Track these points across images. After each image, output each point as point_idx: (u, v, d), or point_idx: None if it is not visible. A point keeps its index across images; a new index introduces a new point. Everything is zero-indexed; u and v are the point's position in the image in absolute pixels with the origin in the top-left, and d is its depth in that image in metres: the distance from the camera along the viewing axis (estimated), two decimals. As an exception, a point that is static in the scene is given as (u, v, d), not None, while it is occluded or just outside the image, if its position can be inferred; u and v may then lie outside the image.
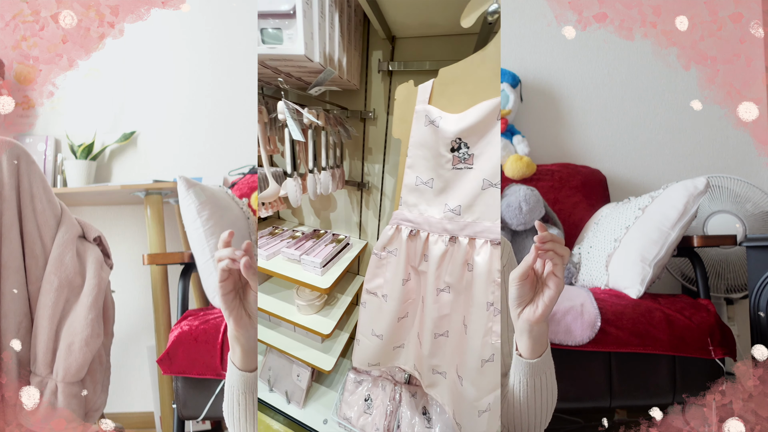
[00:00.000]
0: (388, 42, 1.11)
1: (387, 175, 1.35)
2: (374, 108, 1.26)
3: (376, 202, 1.41)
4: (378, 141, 1.32)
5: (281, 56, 0.80)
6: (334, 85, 1.15)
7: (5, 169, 1.08)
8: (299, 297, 1.32)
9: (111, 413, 1.94)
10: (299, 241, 1.39)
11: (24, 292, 1.09)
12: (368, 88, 1.23)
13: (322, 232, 1.51)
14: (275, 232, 1.51)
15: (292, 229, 1.58)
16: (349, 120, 1.34)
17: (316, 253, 1.28)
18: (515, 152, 1.94)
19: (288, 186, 1.13)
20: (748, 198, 1.72)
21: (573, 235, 1.78)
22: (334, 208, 1.58)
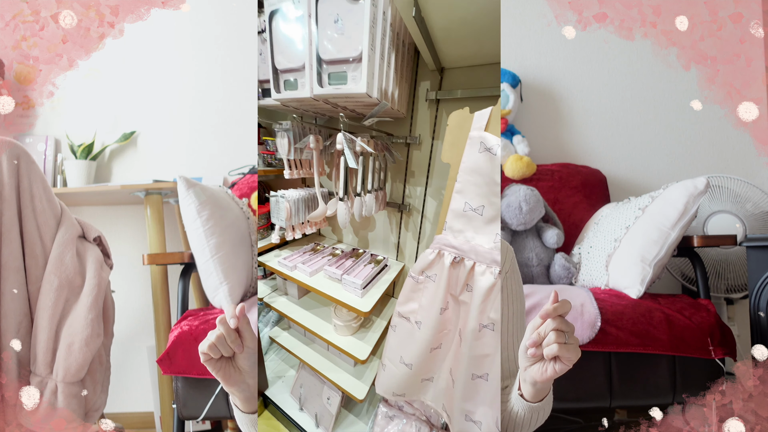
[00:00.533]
0: (436, 72, 1.17)
1: (429, 198, 1.34)
2: (419, 134, 1.28)
3: (416, 224, 1.41)
4: (421, 165, 1.34)
5: (344, 95, 0.89)
6: (384, 115, 1.20)
7: (5, 169, 1.08)
8: (337, 316, 1.30)
9: (111, 413, 1.94)
10: (339, 259, 1.38)
11: (24, 292, 1.09)
12: (414, 116, 1.28)
13: (361, 252, 1.49)
14: (317, 249, 1.51)
15: (332, 246, 1.59)
16: (393, 145, 1.38)
17: (357, 274, 1.25)
18: (515, 152, 1.94)
19: (339, 209, 1.16)
20: (748, 198, 1.72)
21: (573, 235, 1.78)
22: (373, 227, 1.59)
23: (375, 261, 1.39)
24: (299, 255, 1.43)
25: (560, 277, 1.60)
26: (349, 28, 0.82)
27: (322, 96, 0.91)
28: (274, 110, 1.36)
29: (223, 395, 1.25)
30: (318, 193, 1.26)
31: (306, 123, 1.24)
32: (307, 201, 1.35)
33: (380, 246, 1.58)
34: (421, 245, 1.41)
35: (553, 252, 1.67)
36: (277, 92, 1.01)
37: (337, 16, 0.83)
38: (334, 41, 0.86)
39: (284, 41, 0.96)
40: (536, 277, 1.65)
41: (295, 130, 1.18)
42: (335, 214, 1.20)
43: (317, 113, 1.23)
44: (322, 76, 0.90)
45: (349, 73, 0.86)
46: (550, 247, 1.66)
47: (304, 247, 1.52)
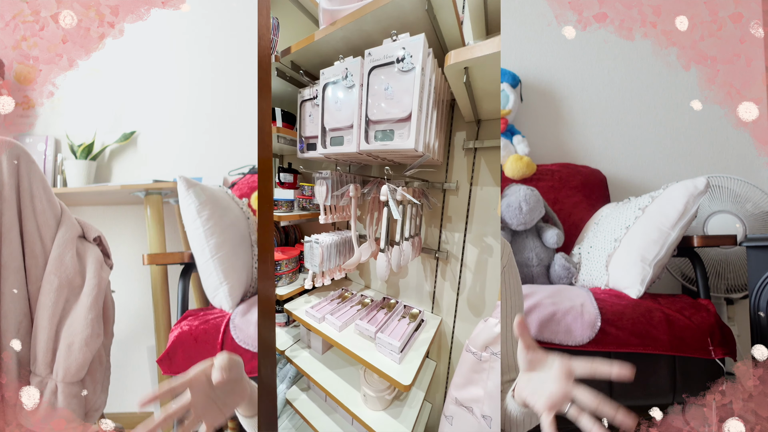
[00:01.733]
0: (473, 124, 1.24)
1: (469, 245, 1.26)
2: (457, 180, 1.30)
3: (454, 273, 1.31)
4: (459, 210, 1.31)
5: (390, 150, 0.99)
6: (424, 165, 1.26)
7: (5, 169, 1.08)
8: (367, 383, 1.13)
9: (111, 413, 1.94)
10: (371, 311, 1.27)
11: (24, 292, 1.09)
12: (449, 163, 1.32)
13: (393, 302, 1.36)
14: (345, 296, 1.40)
15: (360, 293, 1.46)
16: (429, 190, 1.37)
17: (392, 331, 1.12)
18: (515, 152, 1.94)
19: (380, 262, 1.13)
20: (748, 198, 1.72)
21: (573, 235, 1.78)
22: (405, 274, 1.47)
23: (410, 315, 1.24)
24: (327, 303, 1.33)
25: (560, 277, 1.60)
26: (398, 94, 0.97)
27: (368, 151, 1.04)
28: (314, 160, 1.40)
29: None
30: (354, 239, 1.26)
31: (342, 171, 1.31)
32: (339, 246, 1.33)
33: (413, 295, 1.43)
34: (461, 297, 1.29)
35: (553, 252, 1.67)
36: (324, 147, 1.14)
37: (388, 84, 0.99)
38: (382, 105, 1.01)
39: (334, 106, 1.11)
40: (536, 277, 1.65)
41: (333, 179, 1.25)
42: (366, 261, 1.19)
43: (353, 162, 1.31)
44: (369, 134, 1.03)
45: (396, 131, 0.99)
46: (550, 247, 1.66)
47: (331, 293, 1.42)
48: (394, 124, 0.99)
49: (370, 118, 1.02)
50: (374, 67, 1.02)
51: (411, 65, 0.96)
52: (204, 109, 2.09)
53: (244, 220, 1.55)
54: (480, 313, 1.26)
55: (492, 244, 1.21)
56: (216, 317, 1.31)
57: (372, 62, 1.01)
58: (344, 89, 1.08)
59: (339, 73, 1.08)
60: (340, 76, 1.08)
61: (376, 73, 1.01)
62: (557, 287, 1.41)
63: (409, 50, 0.96)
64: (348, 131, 1.08)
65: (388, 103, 0.99)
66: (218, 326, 1.26)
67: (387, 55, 1.00)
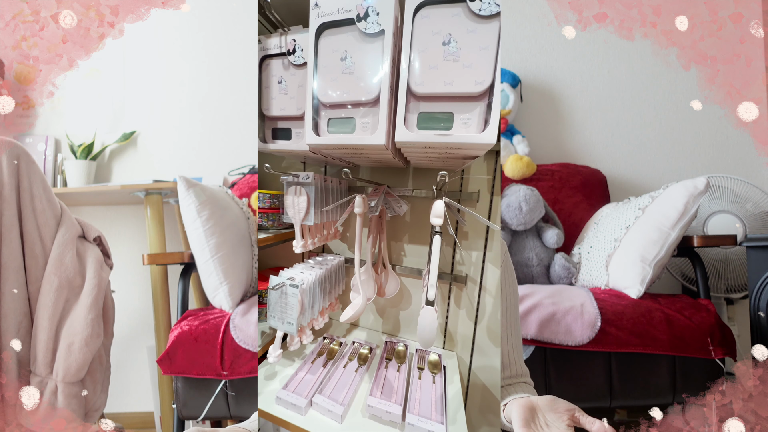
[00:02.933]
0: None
1: (489, 266, 1.07)
2: (479, 189, 1.05)
3: (471, 299, 1.10)
4: (477, 226, 1.08)
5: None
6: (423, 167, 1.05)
7: (5, 169, 1.08)
8: None
9: (111, 413, 1.94)
10: (377, 370, 0.89)
11: (24, 292, 1.09)
12: (465, 170, 1.05)
13: (401, 348, 1.02)
14: (332, 349, 0.99)
15: (351, 342, 1.09)
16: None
17: (422, 404, 0.78)
18: (515, 152, 1.94)
19: (428, 318, 0.81)
20: (748, 198, 1.72)
21: (573, 235, 1.78)
22: (407, 304, 1.19)
23: (430, 364, 0.95)
24: (307, 369, 0.92)
25: (560, 277, 1.60)
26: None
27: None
28: (280, 157, 1.07)
29: (222, 395, 1.25)
30: (359, 276, 0.86)
31: (328, 174, 0.99)
32: (324, 282, 0.98)
33: (416, 328, 1.08)
34: (480, 327, 1.08)
35: (553, 252, 1.67)
36: (317, 134, 0.78)
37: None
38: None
39: (338, 70, 0.80)
40: (536, 277, 1.65)
41: (318, 186, 0.91)
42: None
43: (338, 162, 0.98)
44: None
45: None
46: (550, 247, 1.65)
47: (312, 348, 1.05)
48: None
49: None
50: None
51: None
52: (204, 109, 2.09)
53: (244, 220, 1.55)
54: (500, 343, 1.01)
55: (497, 232, 1.04)
56: (216, 317, 1.31)
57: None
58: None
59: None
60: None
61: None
62: (557, 287, 1.41)
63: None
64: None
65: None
66: (218, 326, 1.26)
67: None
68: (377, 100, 0.72)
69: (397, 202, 1.12)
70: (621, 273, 1.41)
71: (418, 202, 1.19)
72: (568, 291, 1.36)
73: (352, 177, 0.95)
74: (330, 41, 0.74)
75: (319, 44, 0.74)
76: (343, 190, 1.16)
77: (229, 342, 1.23)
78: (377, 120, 0.73)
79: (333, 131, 0.76)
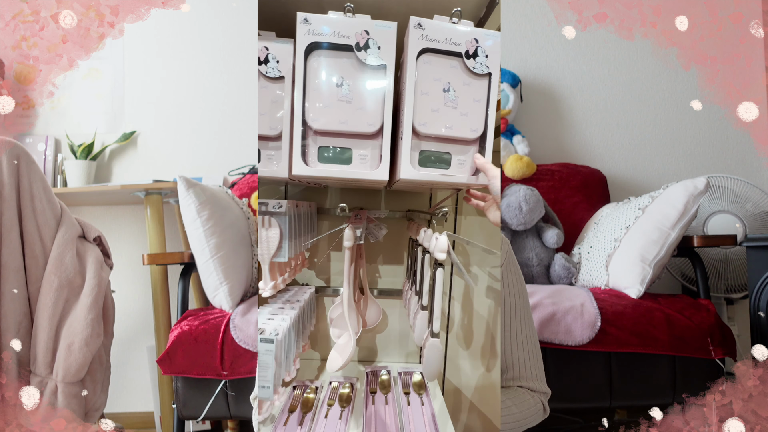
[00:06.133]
0: None
1: (456, 279, 1.10)
2: (446, 207, 1.03)
3: (442, 309, 0.99)
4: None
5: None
6: (404, 187, 1.00)
7: (5, 169, 1.08)
8: None
9: (111, 413, 1.94)
10: (364, 408, 0.83)
11: (24, 292, 1.09)
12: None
13: (385, 377, 0.93)
14: (307, 399, 0.85)
15: (328, 383, 0.96)
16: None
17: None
18: (515, 152, 1.94)
19: (435, 351, 0.76)
20: (748, 198, 1.72)
21: (573, 235, 1.78)
22: (384, 326, 1.14)
23: (415, 385, 0.90)
24: (281, 429, 0.78)
25: (560, 277, 1.60)
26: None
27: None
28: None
29: (222, 395, 1.25)
30: (349, 317, 0.78)
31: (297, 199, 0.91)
32: (297, 325, 0.85)
33: (396, 349, 1.13)
34: (451, 334, 1.10)
35: (553, 252, 1.67)
36: (305, 163, 0.74)
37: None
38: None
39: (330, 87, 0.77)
40: (536, 277, 1.65)
41: (291, 214, 0.83)
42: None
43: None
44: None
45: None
46: (550, 247, 1.65)
47: (282, 405, 0.88)
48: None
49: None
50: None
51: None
52: (204, 109, 2.09)
53: (244, 220, 1.55)
54: (469, 345, 1.09)
55: (477, 273, 1.07)
56: (216, 317, 1.31)
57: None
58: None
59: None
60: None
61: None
62: (557, 287, 1.41)
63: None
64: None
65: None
66: (218, 326, 1.26)
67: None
68: (378, 133, 0.72)
69: (378, 227, 1.10)
70: (621, 273, 1.41)
71: (392, 223, 1.20)
72: (568, 291, 1.36)
73: (327, 205, 0.91)
74: (322, 63, 0.71)
75: (307, 64, 0.71)
76: (312, 213, 1.09)
77: (229, 342, 1.23)
78: (377, 153, 0.73)
79: (326, 161, 0.73)
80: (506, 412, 0.78)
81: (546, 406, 0.90)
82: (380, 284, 1.30)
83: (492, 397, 0.94)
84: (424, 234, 0.85)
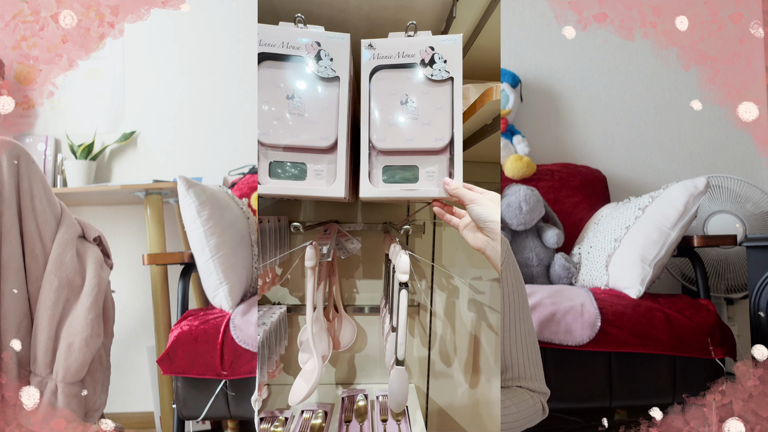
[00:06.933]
0: None
1: (438, 291, 1.10)
2: (423, 220, 1.06)
3: (423, 325, 1.10)
4: (424, 253, 1.12)
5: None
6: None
7: (5, 169, 1.08)
8: None
9: (111, 413, 1.94)
10: None
11: (24, 292, 1.09)
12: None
13: (362, 403, 0.92)
14: (276, 429, 0.81)
15: (300, 412, 0.92)
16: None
17: None
18: (515, 152, 1.94)
19: (399, 380, 0.74)
20: (748, 198, 1.72)
21: (573, 235, 1.78)
22: (362, 345, 1.13)
23: (393, 413, 0.83)
24: None
25: (560, 277, 1.60)
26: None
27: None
28: None
29: (222, 395, 1.25)
30: (312, 340, 0.75)
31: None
32: (263, 349, 0.83)
33: (375, 369, 1.09)
34: (433, 351, 1.09)
35: (553, 252, 1.67)
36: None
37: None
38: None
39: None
40: (536, 277, 1.65)
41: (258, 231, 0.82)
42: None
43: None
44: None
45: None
46: (550, 247, 1.66)
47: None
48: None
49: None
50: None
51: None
52: (204, 109, 2.09)
53: (244, 220, 1.55)
54: (451, 363, 1.09)
55: (458, 285, 1.07)
56: (216, 317, 1.31)
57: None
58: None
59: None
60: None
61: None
62: (557, 287, 1.41)
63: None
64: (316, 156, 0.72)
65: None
66: (218, 326, 1.26)
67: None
68: (333, 147, 0.70)
69: (350, 240, 1.04)
70: (621, 273, 1.41)
71: (370, 235, 1.15)
72: (568, 291, 1.36)
73: (298, 221, 0.89)
74: (272, 75, 0.69)
75: (259, 75, 0.70)
76: (282, 227, 1.06)
77: (229, 342, 1.23)
78: (333, 168, 0.71)
79: (279, 177, 0.71)
80: (506, 412, 0.79)
81: (545, 406, 0.90)
82: (358, 300, 1.25)
83: (478, 415, 0.92)
84: (393, 249, 0.82)
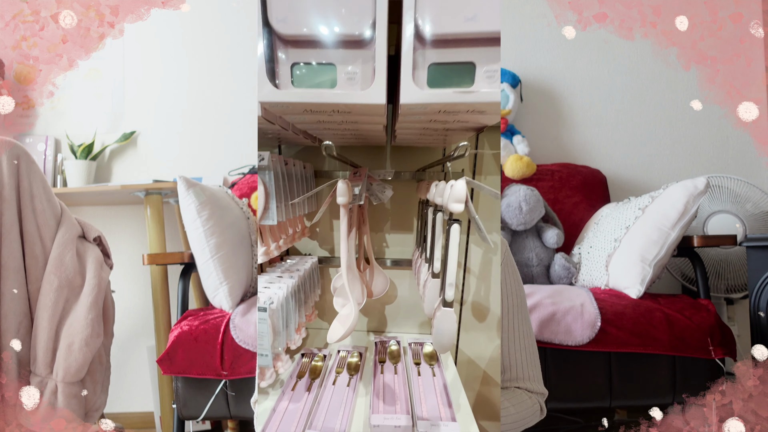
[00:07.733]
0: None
1: (473, 246, 1.03)
2: (462, 168, 0.97)
3: (458, 282, 1.00)
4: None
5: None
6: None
7: (5, 169, 1.08)
8: None
9: (111, 413, 1.94)
10: (373, 377, 0.79)
11: (24, 292, 1.09)
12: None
13: (394, 347, 0.90)
14: (315, 367, 0.83)
15: (337, 351, 0.90)
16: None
17: (429, 405, 0.72)
18: (515, 152, 1.94)
19: (447, 320, 0.67)
20: (748, 198, 1.72)
21: (573, 235, 1.78)
22: (393, 297, 1.06)
23: (426, 356, 0.85)
24: (288, 398, 0.74)
25: (560, 277, 1.60)
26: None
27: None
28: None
29: (222, 395, 1.25)
30: (348, 286, 0.69)
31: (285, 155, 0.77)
32: (297, 294, 0.80)
33: (404, 320, 1.05)
34: (465, 307, 1.05)
35: (553, 252, 1.67)
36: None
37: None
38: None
39: None
40: (536, 277, 1.65)
41: (278, 171, 0.70)
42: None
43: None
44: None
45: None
46: (550, 247, 1.66)
47: (290, 371, 0.84)
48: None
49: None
50: None
51: None
52: (204, 109, 2.09)
53: (244, 220, 1.55)
54: (484, 318, 1.08)
55: (496, 240, 1.00)
56: (216, 317, 1.31)
57: None
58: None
59: None
60: None
61: None
62: (557, 287, 1.41)
63: None
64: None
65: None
66: (218, 326, 1.26)
67: None
68: (370, 40, 0.50)
69: (381, 187, 0.97)
70: (621, 273, 1.41)
71: (399, 186, 1.06)
72: (568, 291, 1.36)
73: (326, 167, 0.77)
74: None
75: None
76: (308, 176, 0.94)
77: (229, 342, 1.23)
78: (369, 69, 0.51)
79: (301, 84, 0.52)
80: (504, 413, 0.79)
81: (543, 406, 0.90)
82: (388, 254, 1.19)
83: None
84: (436, 189, 0.71)
